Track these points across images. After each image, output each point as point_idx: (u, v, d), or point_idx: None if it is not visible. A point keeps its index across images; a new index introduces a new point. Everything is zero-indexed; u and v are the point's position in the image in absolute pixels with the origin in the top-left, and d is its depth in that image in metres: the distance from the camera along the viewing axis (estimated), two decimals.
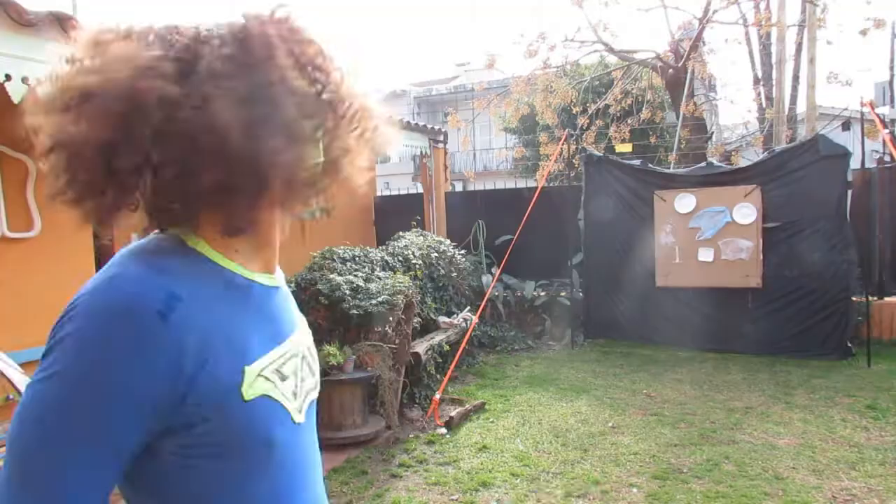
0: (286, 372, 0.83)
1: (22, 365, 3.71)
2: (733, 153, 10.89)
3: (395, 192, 9.34)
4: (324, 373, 4.31)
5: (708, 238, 6.50)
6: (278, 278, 0.89)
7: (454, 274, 6.39)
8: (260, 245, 0.83)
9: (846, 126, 7.26)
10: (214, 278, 0.77)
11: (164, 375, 0.69)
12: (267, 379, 0.78)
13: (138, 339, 0.68)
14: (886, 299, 6.81)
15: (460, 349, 5.48)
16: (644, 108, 10.82)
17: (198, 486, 0.75)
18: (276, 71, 0.70)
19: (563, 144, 7.65)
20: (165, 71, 0.68)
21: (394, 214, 8.16)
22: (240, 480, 0.77)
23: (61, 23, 2.95)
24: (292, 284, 4.67)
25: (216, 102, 0.67)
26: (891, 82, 11.93)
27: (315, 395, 0.94)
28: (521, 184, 10.01)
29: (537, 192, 7.01)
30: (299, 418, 0.85)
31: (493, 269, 7.52)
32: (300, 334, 0.91)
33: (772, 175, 6.29)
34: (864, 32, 9.03)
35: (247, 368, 0.76)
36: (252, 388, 0.76)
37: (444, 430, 4.49)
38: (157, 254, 0.76)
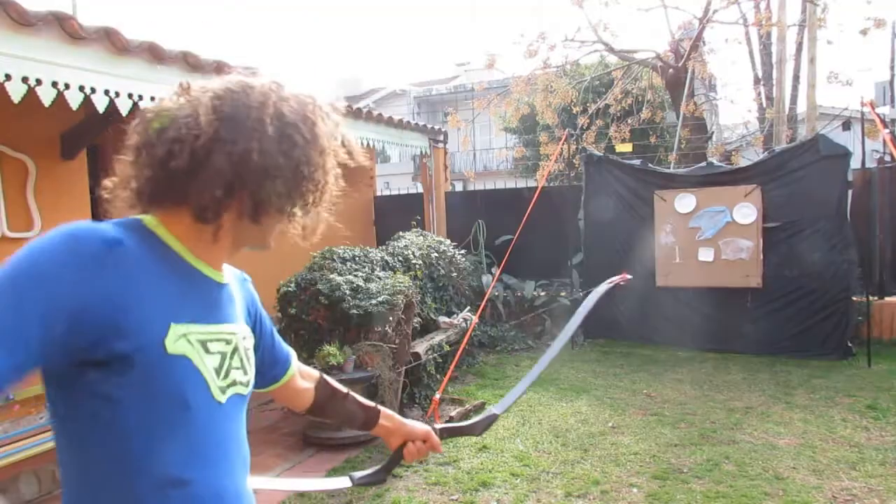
0: (211, 349, 0.94)
1: None
2: (733, 153, 10.88)
3: (395, 192, 9.34)
4: (324, 372, 4.30)
5: (708, 238, 6.50)
6: (227, 278, 1.05)
7: (454, 274, 6.39)
8: (215, 250, 0.99)
9: (846, 126, 7.25)
10: (161, 252, 0.93)
11: (94, 291, 0.82)
12: (189, 343, 0.91)
13: (78, 252, 0.82)
14: (887, 299, 6.81)
15: (460, 349, 5.48)
16: (644, 108, 10.82)
17: (115, 435, 0.86)
18: (256, 112, 0.92)
19: (563, 144, 7.65)
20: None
21: (394, 214, 8.15)
22: (156, 435, 0.87)
23: (61, 23, 2.94)
24: (292, 284, 4.67)
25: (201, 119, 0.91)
26: (891, 82, 11.93)
27: (244, 391, 1.03)
28: (521, 184, 10.00)
29: (537, 192, 7.01)
30: (220, 398, 0.95)
31: (493, 269, 7.52)
32: (237, 328, 1.03)
33: (772, 175, 6.29)
34: (864, 32, 9.02)
35: (173, 325, 0.89)
36: (174, 345, 0.88)
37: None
38: (117, 224, 0.92)
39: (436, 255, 6.20)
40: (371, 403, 1.39)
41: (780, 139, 9.54)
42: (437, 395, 4.78)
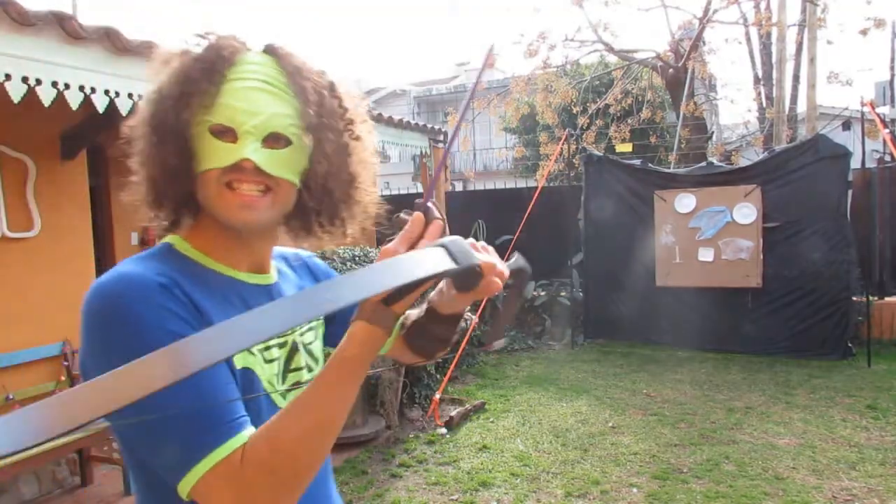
0: (268, 356, 0.89)
1: (21, 365, 3.72)
2: (733, 153, 10.88)
3: (395, 192, 9.34)
4: None
5: (708, 238, 6.50)
6: (275, 274, 0.97)
7: None
8: (252, 250, 0.92)
9: (846, 126, 7.25)
10: (199, 271, 0.87)
11: (182, 314, 0.77)
12: (250, 352, 0.86)
13: (148, 290, 0.77)
14: (886, 299, 6.81)
15: (460, 349, 5.48)
16: (644, 108, 10.82)
17: None
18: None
19: (563, 144, 7.65)
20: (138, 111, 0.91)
21: (394, 214, 8.13)
22: None
23: (61, 23, 2.94)
24: None
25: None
26: (891, 82, 11.91)
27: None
28: (521, 184, 10.00)
29: (537, 191, 7.01)
30: (282, 403, 0.89)
31: None
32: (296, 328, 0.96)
33: (772, 175, 6.29)
34: (864, 32, 9.02)
35: None
36: (237, 359, 0.83)
37: (444, 430, 4.49)
38: (149, 258, 0.85)
39: None
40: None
41: (780, 139, 9.54)
42: (437, 395, 4.78)
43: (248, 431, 0.74)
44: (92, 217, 4.30)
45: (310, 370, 0.97)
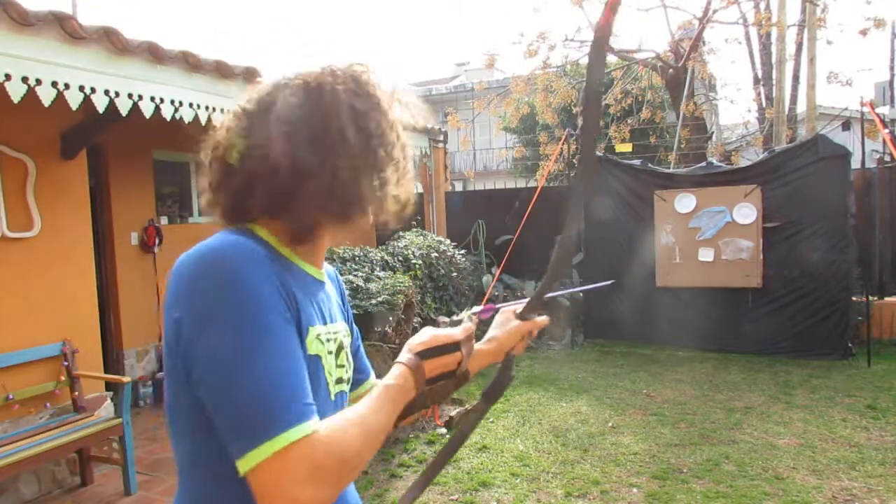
0: (329, 348, 0.96)
1: (21, 365, 3.71)
2: (733, 153, 10.88)
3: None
4: None
5: (708, 238, 6.50)
6: (325, 274, 1.06)
7: (454, 274, 6.39)
8: (315, 249, 1.00)
9: (846, 126, 7.26)
10: (282, 260, 0.92)
11: (283, 287, 0.84)
12: (321, 342, 0.93)
13: (257, 256, 0.83)
14: (886, 299, 6.81)
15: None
16: (644, 108, 10.82)
17: None
18: (335, 121, 0.89)
19: (563, 144, 7.65)
20: (238, 112, 0.94)
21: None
22: None
23: (61, 23, 2.94)
24: None
25: (276, 142, 0.87)
26: (891, 82, 11.91)
27: (346, 388, 1.04)
28: (521, 184, 10.01)
29: (537, 192, 7.01)
30: (332, 395, 0.97)
31: (493, 269, 7.52)
32: (340, 325, 1.05)
33: (772, 175, 6.29)
34: (864, 32, 9.02)
35: (310, 327, 0.91)
36: (311, 345, 0.90)
37: (444, 430, 4.49)
38: (242, 236, 0.89)
39: (436, 254, 6.20)
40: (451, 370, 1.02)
41: (780, 139, 9.54)
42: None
43: (315, 420, 0.77)
44: (92, 217, 4.30)
45: (346, 370, 1.04)
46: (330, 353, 0.96)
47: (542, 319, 1.21)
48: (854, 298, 6.11)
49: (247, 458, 0.73)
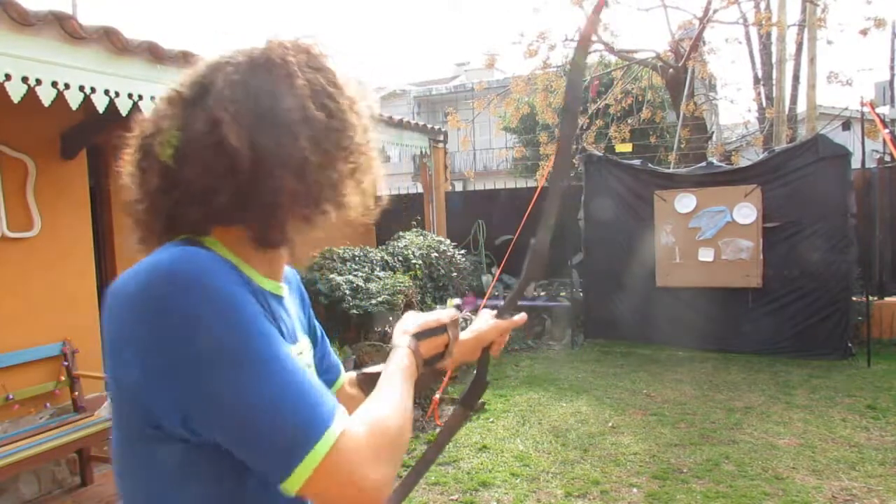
0: None
1: (21, 365, 3.71)
2: (733, 153, 10.88)
3: (395, 192, 9.34)
4: None
5: (708, 238, 6.50)
6: (283, 287, 0.92)
7: (454, 274, 6.39)
8: (272, 257, 0.87)
9: (846, 126, 7.25)
10: (243, 276, 0.80)
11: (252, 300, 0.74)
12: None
13: (221, 265, 0.73)
14: (886, 299, 6.81)
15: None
16: (644, 108, 10.82)
17: (226, 471, 0.77)
18: (291, 97, 0.76)
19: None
20: (173, 97, 0.79)
21: (394, 214, 8.16)
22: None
23: (61, 23, 2.94)
24: None
25: (223, 126, 0.73)
26: (891, 82, 11.90)
27: None
28: (521, 184, 10.01)
29: (537, 191, 7.01)
30: None
31: (493, 269, 7.52)
32: (302, 344, 0.95)
33: (772, 175, 6.29)
34: (864, 32, 9.02)
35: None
36: None
37: None
38: (196, 247, 0.77)
39: (436, 254, 6.20)
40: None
41: (780, 139, 9.53)
42: (437, 395, 4.78)
43: (343, 411, 0.73)
44: (92, 217, 4.30)
45: None
46: None
47: (520, 317, 1.20)
48: (854, 298, 6.11)
49: (295, 476, 0.67)
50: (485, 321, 1.18)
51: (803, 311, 6.17)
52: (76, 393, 3.90)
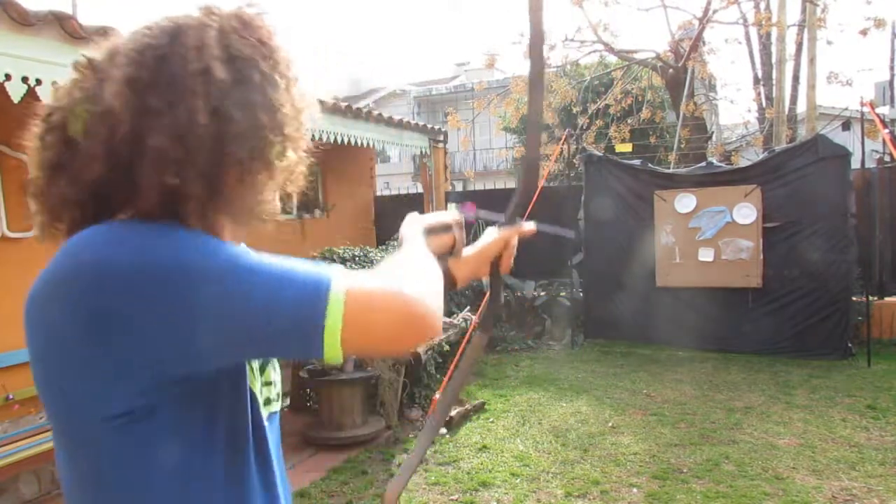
0: (252, 364, 0.84)
1: (22, 365, 3.71)
2: (733, 153, 10.88)
3: (395, 192, 9.34)
4: (324, 373, 4.31)
5: (708, 238, 6.50)
6: None
7: None
8: None
9: (846, 126, 7.25)
10: None
11: None
12: (251, 368, 0.83)
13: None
14: (886, 299, 6.81)
15: (460, 349, 5.47)
16: (644, 108, 10.82)
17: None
18: (189, 61, 0.69)
19: (563, 144, 7.65)
20: (82, 65, 0.73)
21: (394, 214, 8.14)
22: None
23: (61, 23, 2.95)
24: None
25: (105, 86, 0.70)
26: (891, 82, 11.92)
27: (276, 407, 0.90)
28: None
29: (537, 192, 7.00)
30: (263, 415, 0.85)
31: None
32: None
33: (772, 175, 6.29)
34: (864, 32, 9.03)
35: None
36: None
37: (444, 430, 4.49)
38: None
39: None
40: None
41: (780, 139, 9.54)
42: (437, 395, 4.78)
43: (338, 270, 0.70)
44: None
45: (275, 385, 0.91)
46: (252, 369, 0.83)
47: (526, 226, 1.14)
48: (854, 298, 6.11)
49: (329, 331, 0.65)
50: (489, 236, 1.14)
51: (803, 311, 6.17)
52: None
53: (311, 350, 0.67)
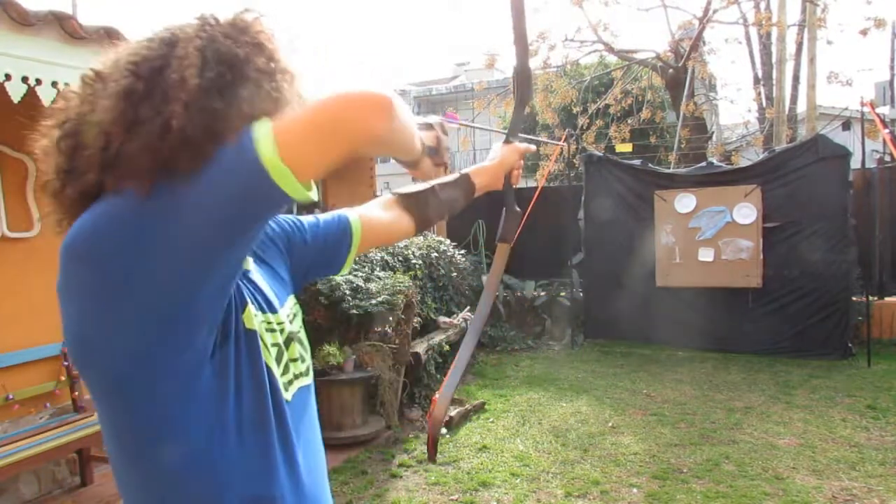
0: (273, 339, 0.89)
1: (22, 365, 3.71)
2: (733, 153, 10.88)
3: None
4: (324, 373, 4.30)
5: (708, 238, 6.50)
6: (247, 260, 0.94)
7: (454, 274, 6.39)
8: None
9: (846, 126, 7.26)
10: None
11: None
12: (262, 327, 0.87)
13: None
14: (886, 299, 6.81)
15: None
16: (644, 108, 10.82)
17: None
18: (173, 67, 0.73)
19: (563, 144, 7.65)
20: (88, 77, 0.79)
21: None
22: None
23: (61, 23, 2.94)
24: None
25: (108, 108, 0.74)
26: (891, 82, 11.92)
27: (307, 381, 0.96)
28: (522, 184, 10.01)
29: (537, 192, 7.01)
30: (286, 395, 0.88)
31: None
32: (285, 310, 0.96)
33: (772, 175, 6.29)
34: (864, 32, 9.03)
35: (246, 306, 0.85)
36: (248, 320, 0.84)
37: (444, 430, 4.48)
38: None
39: (436, 254, 6.19)
40: (456, 175, 1.29)
41: (780, 139, 9.54)
42: (437, 395, 4.78)
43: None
44: None
45: (303, 360, 0.96)
46: (276, 345, 0.88)
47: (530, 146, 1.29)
48: (854, 298, 6.11)
49: (267, 159, 0.68)
50: (499, 149, 1.28)
51: (803, 311, 6.17)
52: (76, 393, 3.89)
53: (266, 188, 0.69)
